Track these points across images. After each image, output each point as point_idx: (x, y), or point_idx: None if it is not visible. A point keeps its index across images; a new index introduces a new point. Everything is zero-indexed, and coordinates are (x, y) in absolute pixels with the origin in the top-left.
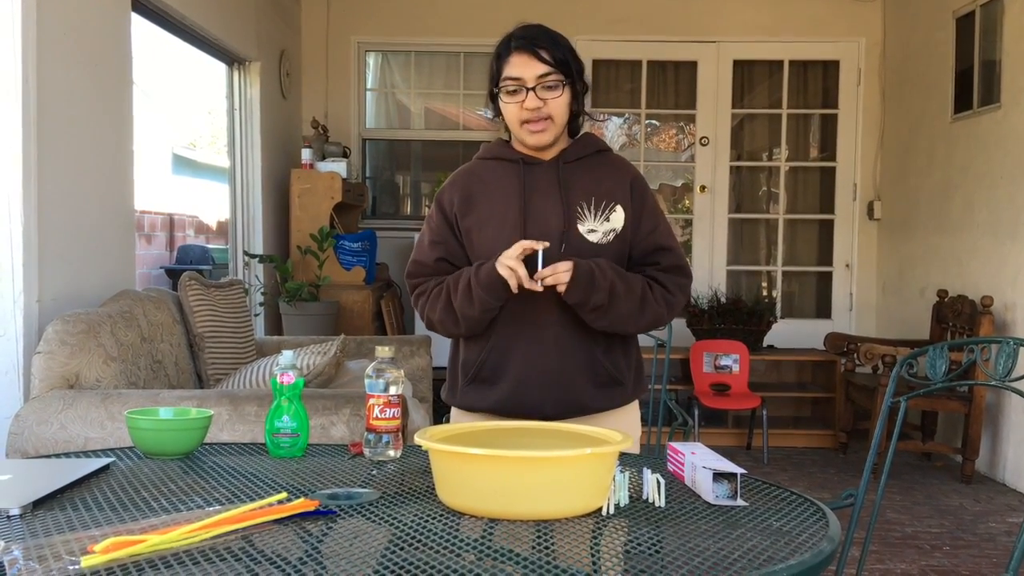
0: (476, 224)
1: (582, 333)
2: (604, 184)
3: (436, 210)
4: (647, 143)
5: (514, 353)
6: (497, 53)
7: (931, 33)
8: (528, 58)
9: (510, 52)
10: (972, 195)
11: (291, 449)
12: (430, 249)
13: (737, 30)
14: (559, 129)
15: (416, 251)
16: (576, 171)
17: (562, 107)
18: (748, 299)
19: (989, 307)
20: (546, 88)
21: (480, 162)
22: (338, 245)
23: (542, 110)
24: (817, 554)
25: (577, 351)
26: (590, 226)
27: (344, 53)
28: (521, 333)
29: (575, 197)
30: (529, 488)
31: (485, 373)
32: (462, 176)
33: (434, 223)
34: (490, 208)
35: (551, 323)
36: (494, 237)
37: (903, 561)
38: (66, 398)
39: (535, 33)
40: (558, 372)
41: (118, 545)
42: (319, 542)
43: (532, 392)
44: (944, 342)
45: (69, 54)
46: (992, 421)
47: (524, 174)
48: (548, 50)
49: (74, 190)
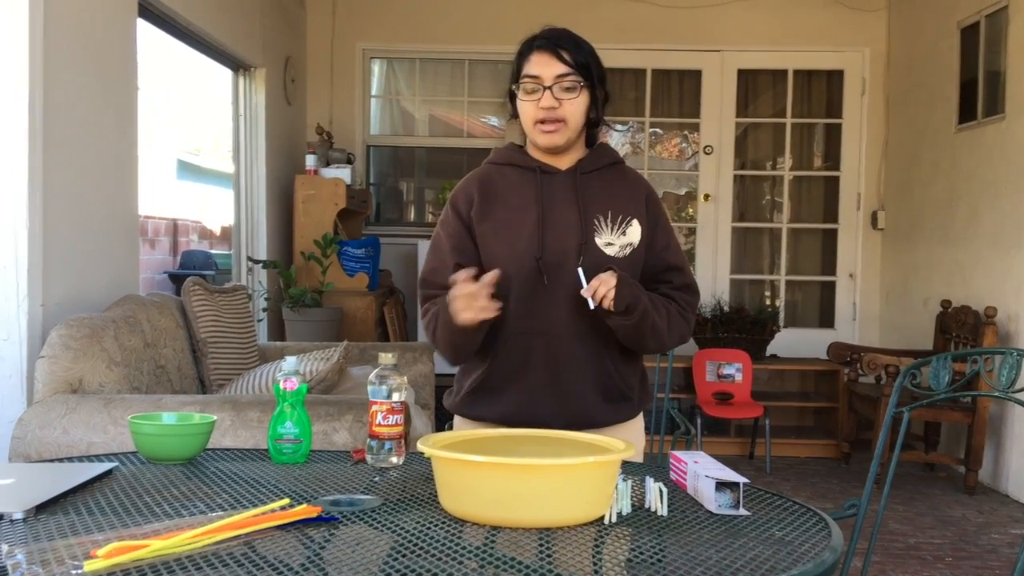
0: (492, 231)
1: (596, 347)
2: (620, 197)
3: (452, 214)
4: (651, 151)
5: (526, 364)
6: (520, 52)
7: (935, 43)
8: (549, 57)
9: (532, 51)
10: (976, 205)
11: (294, 455)
12: (450, 255)
13: (741, 39)
14: (572, 133)
15: (432, 258)
16: (593, 183)
17: (578, 110)
18: (751, 308)
19: (993, 318)
20: (563, 89)
21: (494, 167)
22: (342, 251)
23: (557, 111)
24: (819, 564)
25: (590, 365)
26: (607, 239)
27: (349, 60)
28: (534, 344)
29: (592, 209)
30: (532, 496)
31: (494, 383)
32: (477, 180)
33: (452, 228)
34: (507, 216)
35: (565, 335)
36: (511, 246)
37: (905, 572)
38: (69, 403)
39: (559, 35)
40: (570, 385)
41: (121, 550)
42: (321, 548)
43: (542, 405)
44: (947, 352)
45: (75, 59)
46: (995, 432)
47: (541, 183)
48: (569, 52)
49: (79, 195)
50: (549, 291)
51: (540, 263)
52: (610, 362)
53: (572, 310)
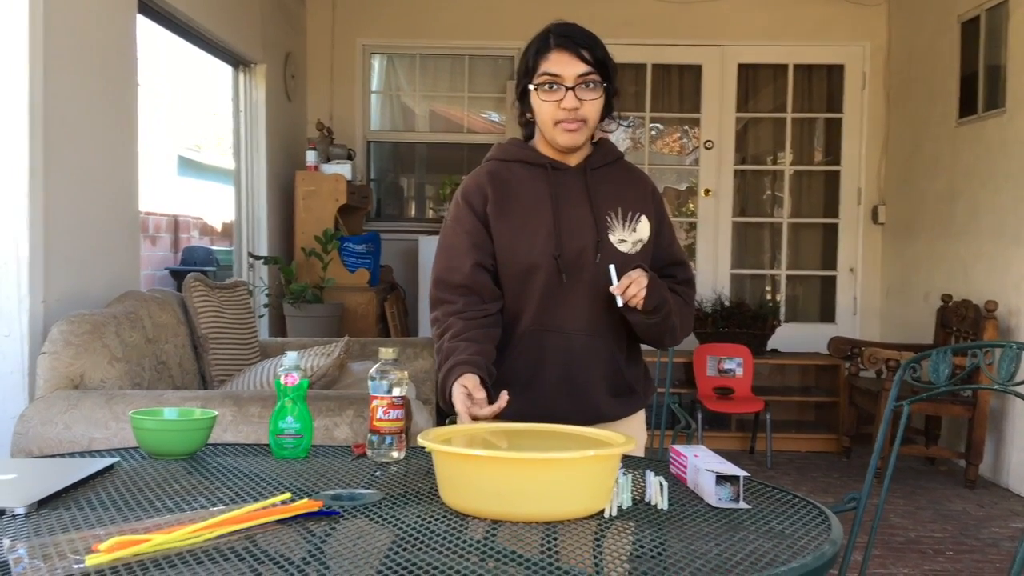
0: (509, 229)
1: (608, 343)
2: (629, 194)
3: (467, 211)
4: (651, 147)
5: (542, 361)
6: (535, 48)
7: (936, 37)
8: (570, 56)
9: (550, 48)
10: (977, 200)
11: (295, 450)
12: (469, 253)
13: (742, 34)
14: (591, 131)
15: (446, 256)
16: (602, 179)
17: (597, 109)
18: (752, 303)
19: (993, 311)
20: (586, 88)
21: (502, 164)
22: (342, 247)
23: (579, 111)
24: (819, 557)
25: (602, 361)
26: (620, 236)
27: (349, 56)
28: (550, 341)
29: (603, 206)
30: (532, 490)
31: (510, 380)
32: (487, 176)
33: (468, 224)
34: (523, 215)
35: (580, 329)
36: (528, 245)
37: (906, 566)
38: (71, 398)
39: (576, 32)
40: (583, 381)
41: (122, 544)
42: (322, 543)
43: (557, 401)
44: (948, 346)
45: (75, 56)
46: (996, 426)
47: (552, 179)
48: (590, 50)
49: (79, 191)
50: (566, 289)
51: (559, 261)
52: (620, 357)
53: (588, 307)
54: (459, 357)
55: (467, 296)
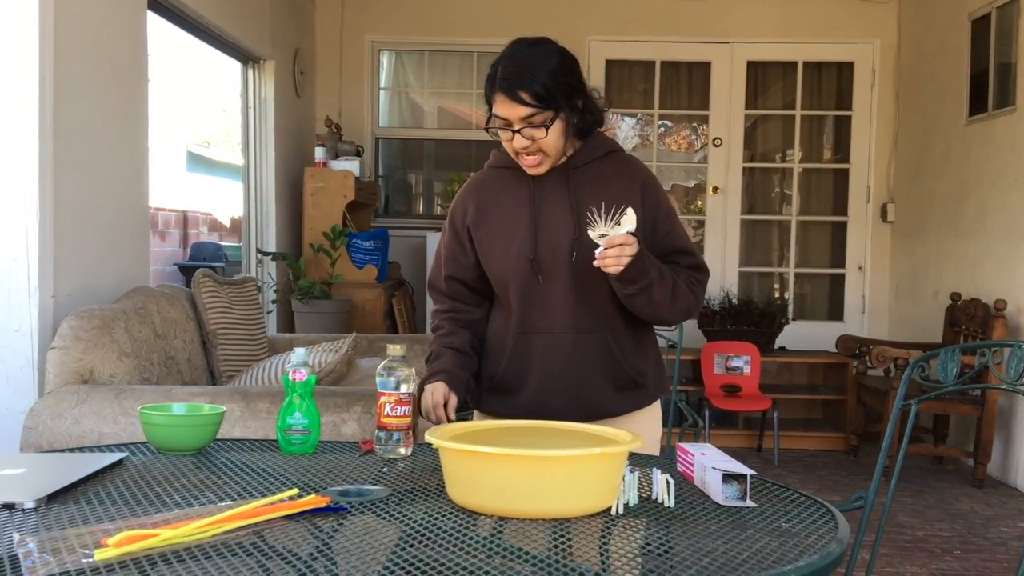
0: (488, 236)
1: (599, 336)
2: (613, 187)
3: (448, 225)
4: (660, 144)
5: (533, 361)
6: (487, 84)
7: (946, 35)
8: (511, 102)
9: (495, 90)
10: (986, 198)
11: (303, 446)
12: (445, 265)
13: (751, 31)
14: (556, 157)
15: (435, 263)
16: (585, 175)
17: (553, 139)
18: (760, 301)
19: (1002, 311)
20: (532, 127)
21: (492, 171)
22: (350, 243)
23: (534, 145)
24: (826, 556)
25: (595, 354)
26: (601, 231)
27: (358, 52)
28: (536, 341)
29: (585, 202)
30: (539, 487)
31: (506, 383)
32: (473, 187)
33: (447, 238)
34: (501, 222)
35: (566, 327)
36: (505, 250)
37: (913, 565)
38: (80, 393)
39: (515, 71)
40: (577, 377)
41: (131, 539)
42: (330, 538)
43: (553, 399)
44: (956, 345)
45: (86, 52)
46: (1004, 425)
47: (534, 182)
48: (527, 90)
49: (89, 187)
50: (545, 289)
51: (533, 263)
52: (617, 350)
53: (573, 304)
54: (438, 366)
55: (451, 300)
